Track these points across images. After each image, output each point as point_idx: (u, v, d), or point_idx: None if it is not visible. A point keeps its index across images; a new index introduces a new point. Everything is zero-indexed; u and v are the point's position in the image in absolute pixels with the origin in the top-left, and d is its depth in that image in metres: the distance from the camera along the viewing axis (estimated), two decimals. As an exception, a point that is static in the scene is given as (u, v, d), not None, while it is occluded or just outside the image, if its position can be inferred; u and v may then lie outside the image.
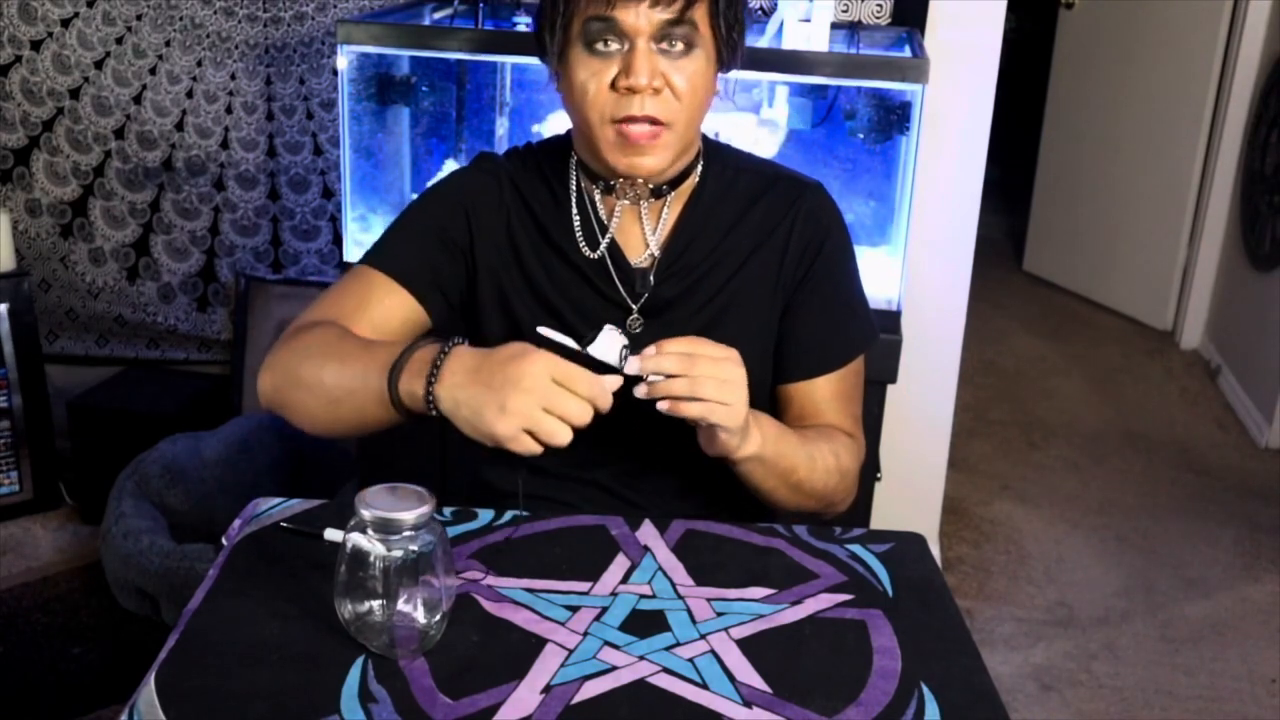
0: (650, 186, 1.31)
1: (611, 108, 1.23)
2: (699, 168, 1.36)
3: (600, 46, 1.22)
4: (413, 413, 1.13)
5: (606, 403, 1.07)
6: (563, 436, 1.05)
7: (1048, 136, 4.73)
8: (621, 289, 1.34)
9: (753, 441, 1.19)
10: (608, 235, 1.34)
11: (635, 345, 1.16)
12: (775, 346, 1.38)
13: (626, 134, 1.23)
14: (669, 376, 1.11)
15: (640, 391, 1.12)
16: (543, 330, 1.17)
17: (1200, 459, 3.40)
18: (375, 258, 1.34)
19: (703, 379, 1.10)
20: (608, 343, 1.16)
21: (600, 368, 1.15)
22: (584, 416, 1.05)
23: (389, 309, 1.31)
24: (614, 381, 1.09)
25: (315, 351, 1.21)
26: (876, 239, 2.24)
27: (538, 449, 1.06)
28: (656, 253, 1.35)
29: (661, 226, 1.35)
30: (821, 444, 1.30)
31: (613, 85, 1.22)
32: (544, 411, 1.04)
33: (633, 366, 1.12)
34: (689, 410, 1.11)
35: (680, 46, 1.22)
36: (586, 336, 1.16)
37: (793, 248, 1.36)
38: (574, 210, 1.35)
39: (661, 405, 1.11)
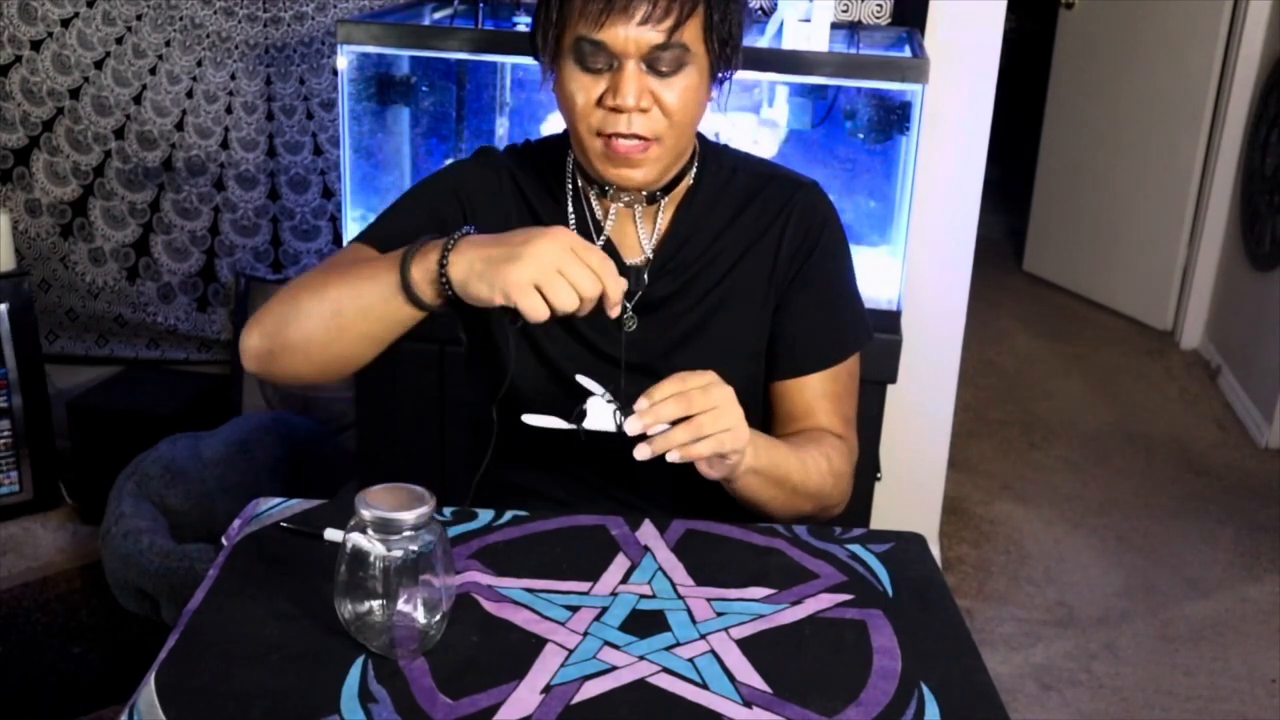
0: (644, 193, 1.32)
1: (600, 123, 1.23)
2: (694, 170, 1.36)
3: (590, 64, 1.22)
4: (421, 303, 1.13)
5: (615, 286, 1.09)
6: (569, 300, 1.07)
7: (1048, 136, 4.73)
8: None
9: (749, 454, 1.18)
10: (603, 236, 1.34)
11: (632, 345, 1.15)
12: (768, 343, 1.38)
13: (614, 147, 1.23)
14: (671, 423, 1.11)
15: (643, 454, 1.11)
16: (528, 418, 1.17)
17: (1200, 459, 3.40)
18: (368, 234, 1.34)
19: (700, 418, 1.10)
20: (598, 414, 1.16)
21: (600, 439, 1.14)
22: (593, 288, 1.08)
23: None
24: (623, 282, 1.11)
25: (314, 279, 1.20)
26: (876, 239, 2.24)
27: (544, 313, 1.08)
28: (650, 253, 1.35)
29: (656, 227, 1.35)
30: (810, 448, 1.30)
31: (600, 101, 1.22)
32: (557, 273, 1.06)
33: (633, 427, 1.11)
34: (699, 451, 1.11)
35: (670, 66, 1.22)
36: (576, 413, 1.16)
37: (786, 245, 1.36)
38: (570, 209, 1.36)
39: (672, 457, 1.11)
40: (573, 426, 1.16)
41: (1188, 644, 2.54)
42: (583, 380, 1.17)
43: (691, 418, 1.10)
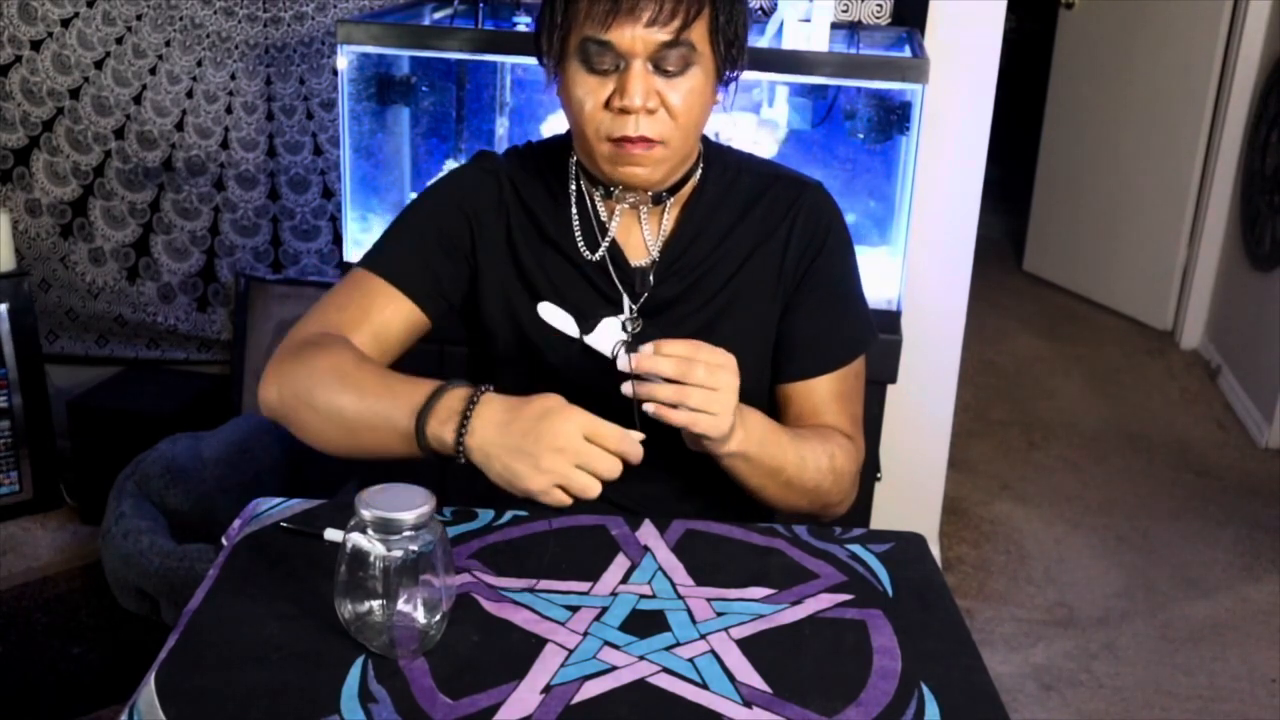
0: (649, 193, 1.31)
1: (607, 126, 1.23)
2: (699, 171, 1.36)
3: (596, 65, 1.22)
4: (439, 455, 1.14)
5: (637, 455, 1.09)
6: (594, 491, 1.07)
7: (1048, 136, 4.73)
8: (621, 289, 1.34)
9: (734, 441, 1.18)
10: (608, 237, 1.34)
11: (635, 345, 1.16)
12: (774, 345, 1.38)
13: (622, 148, 1.23)
14: (664, 379, 1.11)
15: (627, 389, 1.12)
16: (542, 309, 1.17)
17: (1200, 459, 3.40)
18: (376, 262, 1.33)
19: (691, 388, 1.10)
20: (604, 334, 1.16)
21: (598, 355, 1.15)
22: (615, 471, 1.07)
23: (390, 316, 1.32)
24: (640, 434, 1.09)
25: (329, 377, 1.19)
26: (876, 239, 2.24)
27: (568, 501, 1.08)
28: (656, 255, 1.35)
29: (662, 229, 1.35)
30: (816, 444, 1.29)
31: (607, 103, 1.22)
32: (576, 468, 1.06)
33: (623, 363, 1.12)
34: (673, 417, 1.11)
35: (677, 66, 1.22)
36: (588, 324, 1.16)
37: (793, 247, 1.36)
38: (574, 211, 1.35)
39: (648, 408, 1.12)
40: (577, 335, 1.16)
41: (1188, 644, 2.54)
42: (629, 306, 1.15)
43: (684, 385, 1.10)
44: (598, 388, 1.20)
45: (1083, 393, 3.84)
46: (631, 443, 1.08)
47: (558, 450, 1.06)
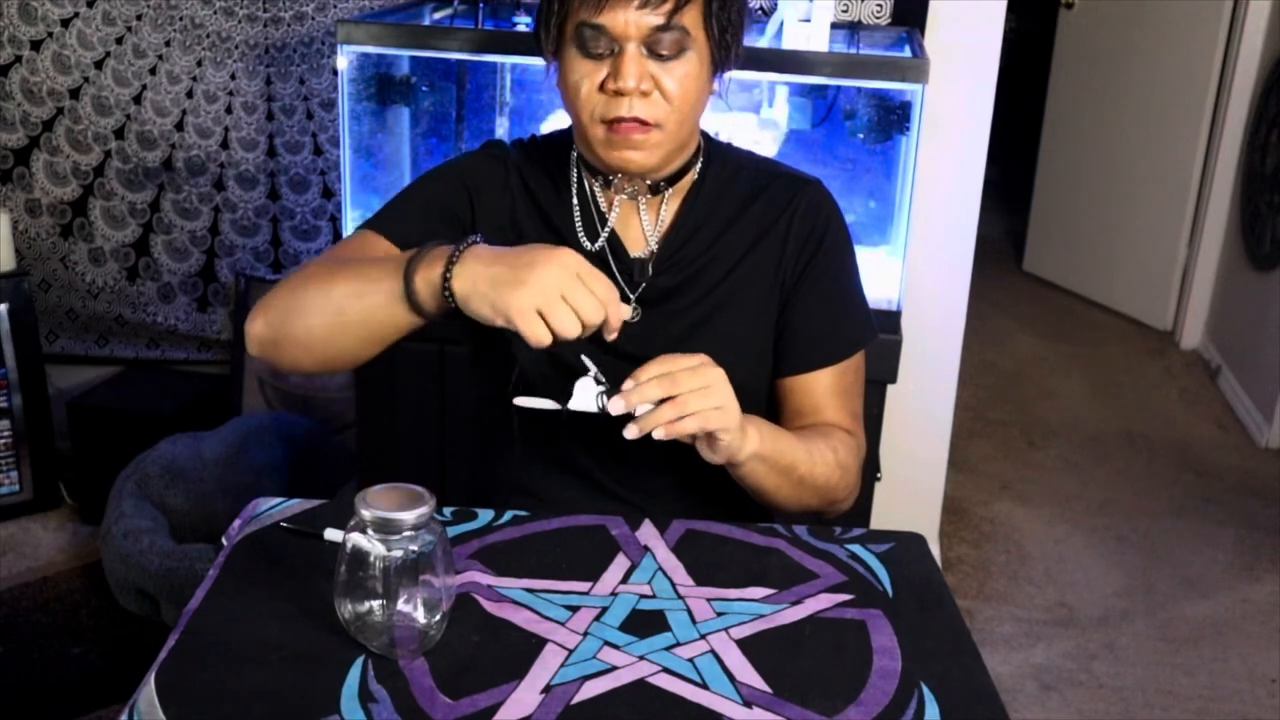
0: (648, 183, 1.32)
1: (602, 108, 1.24)
2: (698, 165, 1.36)
3: (591, 49, 1.23)
4: (422, 311, 1.13)
5: (617, 313, 1.09)
6: (572, 327, 1.06)
7: (1048, 136, 4.73)
8: (620, 279, 1.35)
9: (751, 440, 1.19)
10: (607, 228, 1.35)
11: (635, 337, 1.15)
12: (774, 341, 1.38)
13: (616, 130, 1.24)
14: (656, 404, 1.11)
15: (631, 433, 1.12)
16: (518, 400, 1.17)
17: (1200, 459, 3.40)
18: (375, 222, 1.34)
19: (686, 396, 1.11)
20: (583, 395, 1.16)
21: (585, 420, 1.15)
22: (596, 314, 1.07)
23: None
24: (626, 309, 1.10)
25: (317, 274, 1.20)
26: (876, 239, 2.24)
27: (546, 338, 1.07)
28: (655, 246, 1.35)
29: (660, 222, 1.36)
30: (818, 440, 1.30)
31: (602, 86, 1.23)
32: (560, 298, 1.05)
33: (617, 406, 1.11)
34: (684, 427, 1.12)
35: (670, 50, 1.23)
36: (564, 394, 1.16)
37: (791, 242, 1.36)
38: (574, 202, 1.36)
39: (658, 434, 1.12)
40: (558, 407, 1.16)
41: (1188, 644, 2.54)
42: (584, 359, 1.16)
43: (677, 397, 1.10)
44: (602, 361, 1.20)
45: (1083, 393, 3.84)
46: (615, 296, 1.09)
47: (547, 273, 1.05)
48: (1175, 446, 3.47)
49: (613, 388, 1.14)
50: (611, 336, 1.12)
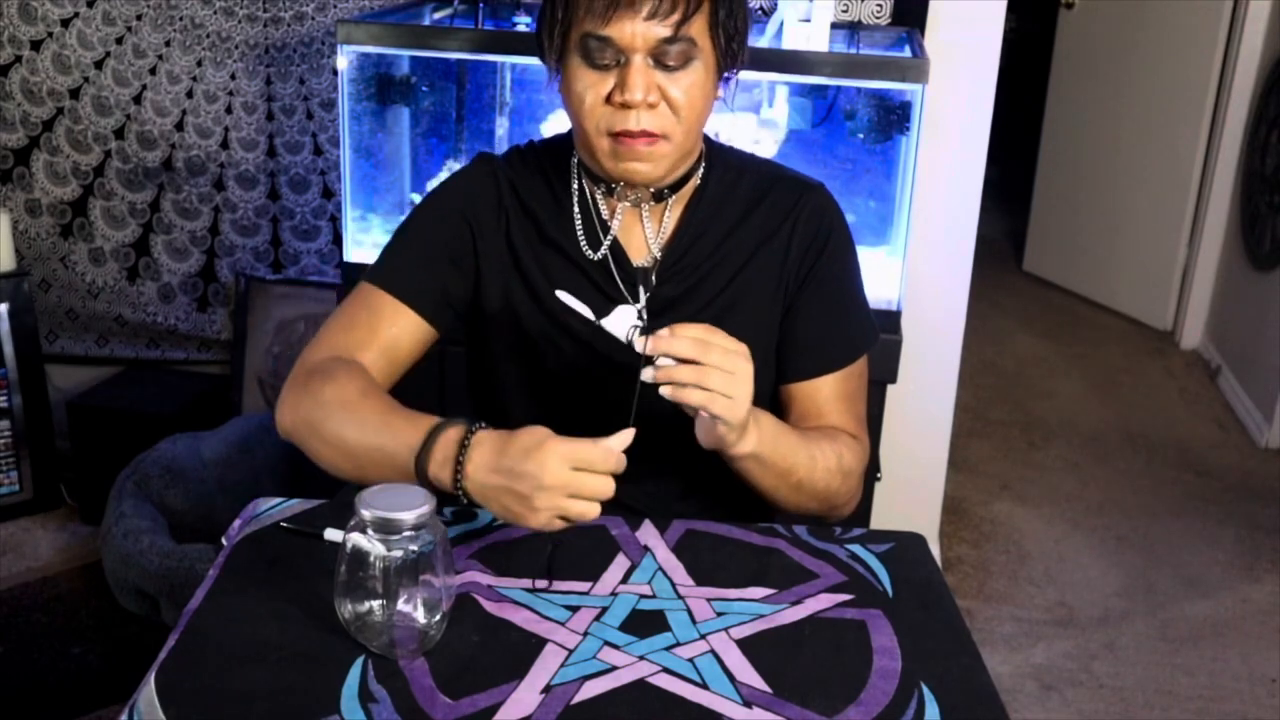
0: (651, 190, 1.31)
1: (608, 120, 1.23)
2: (700, 170, 1.36)
3: (597, 60, 1.22)
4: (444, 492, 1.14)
5: (623, 466, 1.08)
6: (592, 514, 1.07)
7: (1048, 136, 4.73)
8: (624, 288, 1.34)
9: (749, 440, 1.18)
10: (610, 236, 1.34)
11: (650, 330, 1.15)
12: (777, 347, 1.38)
13: (623, 142, 1.23)
14: (680, 362, 1.10)
15: (647, 375, 1.11)
16: (561, 294, 1.17)
17: (1200, 459, 3.40)
18: (381, 277, 1.34)
19: (710, 369, 1.10)
20: (619, 319, 1.17)
21: (613, 341, 1.16)
22: (608, 490, 1.06)
23: (398, 333, 1.32)
24: (625, 439, 1.09)
25: (335, 409, 1.21)
26: (876, 239, 2.24)
27: (571, 525, 1.08)
28: (658, 254, 1.35)
29: (663, 228, 1.35)
30: (824, 444, 1.30)
31: (608, 99, 1.22)
32: (570, 498, 1.05)
33: (641, 344, 1.11)
34: (691, 397, 1.10)
35: (677, 61, 1.22)
36: (604, 310, 1.17)
37: (795, 248, 1.36)
38: (575, 211, 1.35)
39: (665, 390, 1.11)
40: (594, 319, 1.17)
41: (1188, 644, 2.54)
42: (641, 291, 1.15)
43: (702, 366, 1.10)
44: (595, 386, 1.20)
45: (1083, 393, 3.84)
46: (618, 458, 1.08)
47: (547, 488, 1.05)
48: (1175, 446, 3.47)
49: (647, 328, 1.14)
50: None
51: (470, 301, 1.38)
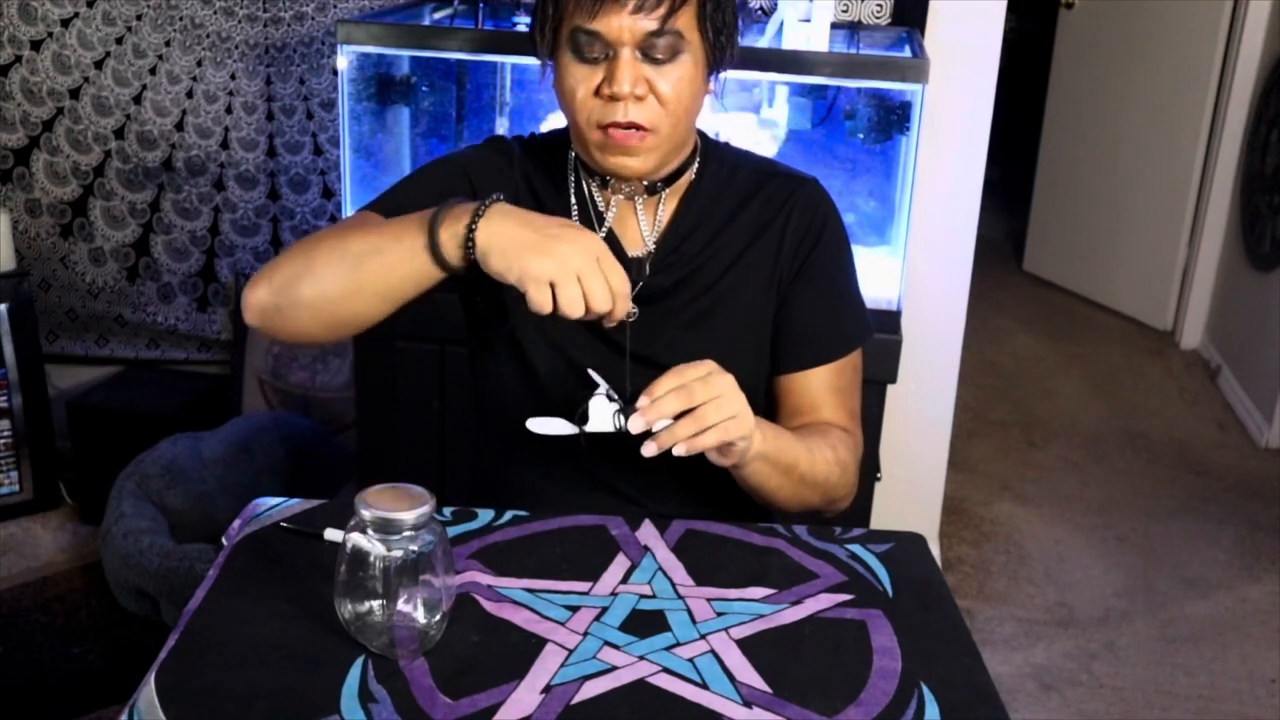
0: (645, 184, 1.32)
1: (597, 113, 1.24)
2: (695, 164, 1.36)
3: (586, 53, 1.23)
4: (444, 263, 1.13)
5: (624, 308, 1.11)
6: (577, 308, 1.09)
7: (1048, 136, 4.73)
8: None
9: (756, 439, 1.19)
10: (604, 228, 1.35)
11: (635, 336, 1.15)
12: (771, 339, 1.38)
13: (612, 136, 1.24)
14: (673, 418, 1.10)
15: (650, 450, 1.11)
16: (531, 424, 1.17)
17: (1200, 459, 3.40)
18: (376, 204, 1.34)
19: (702, 408, 1.10)
20: (599, 416, 1.15)
21: (603, 441, 1.15)
22: (604, 303, 1.09)
23: None
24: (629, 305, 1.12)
25: (330, 235, 1.20)
26: (876, 239, 2.24)
27: (548, 308, 1.09)
28: (652, 246, 1.36)
29: (658, 221, 1.36)
30: (817, 438, 1.31)
31: (597, 91, 1.23)
32: (575, 277, 1.08)
33: (636, 425, 1.11)
34: (704, 442, 1.11)
35: (665, 54, 1.22)
36: (578, 414, 1.16)
37: (788, 241, 1.37)
38: (572, 202, 1.36)
39: (678, 450, 1.11)
40: (575, 431, 1.16)
41: (1188, 644, 2.54)
42: (592, 374, 1.17)
43: (694, 410, 1.10)
44: (603, 358, 1.20)
45: (1083, 393, 3.84)
46: (625, 292, 1.11)
47: (571, 250, 1.08)
48: (1175, 446, 3.47)
49: (626, 405, 1.14)
50: (609, 325, 1.13)
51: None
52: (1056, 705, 2.33)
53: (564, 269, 1.08)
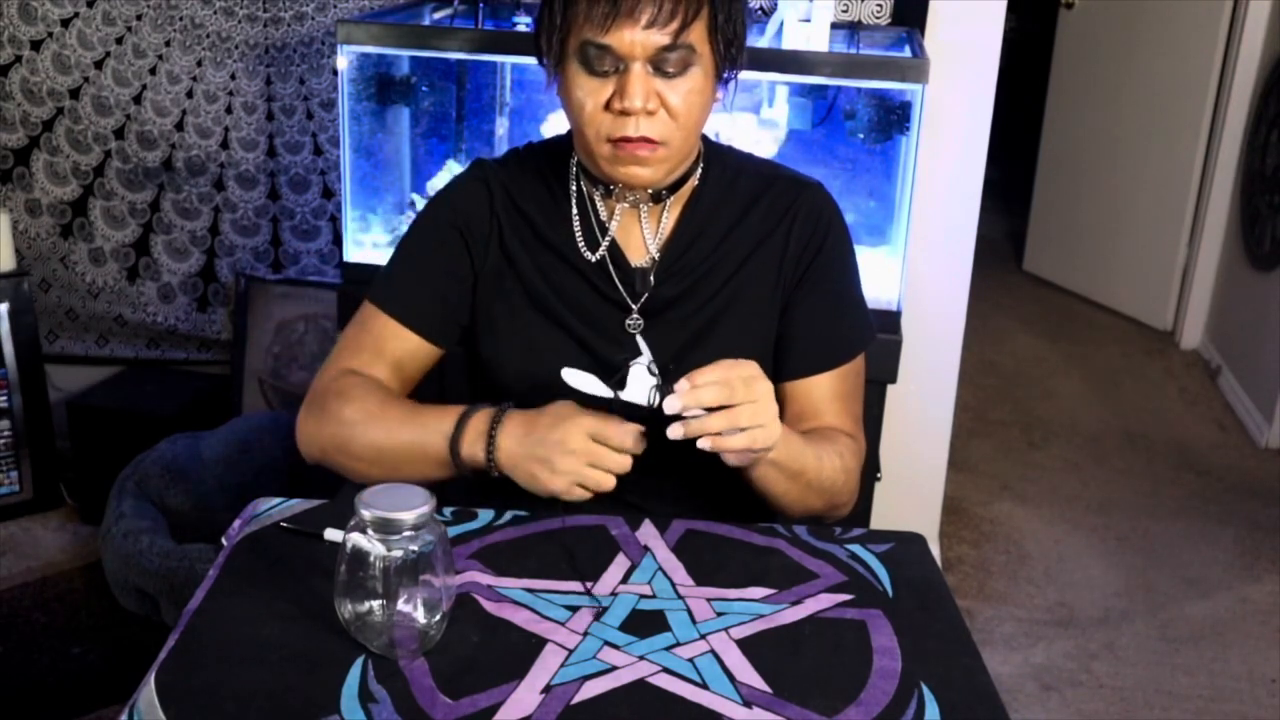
0: (649, 191, 1.32)
1: (608, 127, 1.23)
2: (699, 171, 1.36)
3: (596, 67, 1.22)
4: (474, 471, 1.22)
5: (640, 447, 1.17)
6: (608, 484, 1.16)
7: (1048, 136, 4.73)
8: (621, 289, 1.34)
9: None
10: (608, 237, 1.34)
11: (668, 386, 1.15)
12: (775, 345, 1.38)
13: (622, 148, 1.23)
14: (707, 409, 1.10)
15: (675, 433, 1.11)
16: (566, 375, 1.19)
17: (1200, 459, 3.40)
18: (383, 299, 1.36)
19: (739, 408, 1.10)
20: (637, 384, 1.18)
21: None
22: (624, 465, 1.17)
23: (404, 355, 1.36)
24: (638, 426, 1.17)
25: (360, 423, 1.27)
26: (876, 239, 2.24)
27: (588, 495, 1.16)
28: (656, 254, 1.35)
29: (661, 229, 1.35)
30: (824, 444, 1.30)
31: (608, 105, 1.22)
32: (589, 467, 1.16)
33: (671, 405, 1.09)
34: (732, 443, 1.11)
35: (676, 68, 1.22)
36: (616, 377, 1.17)
37: (792, 246, 1.36)
38: (574, 212, 1.36)
39: (703, 444, 1.11)
40: (610, 394, 1.19)
41: (1188, 644, 2.54)
42: (641, 341, 1.22)
43: (730, 407, 1.10)
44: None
45: (1083, 393, 3.84)
46: (634, 438, 1.16)
47: (570, 454, 1.15)
48: (1175, 446, 3.47)
49: (665, 385, 1.15)
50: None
51: (471, 311, 1.39)
52: (1056, 705, 2.33)
53: (576, 472, 1.16)
